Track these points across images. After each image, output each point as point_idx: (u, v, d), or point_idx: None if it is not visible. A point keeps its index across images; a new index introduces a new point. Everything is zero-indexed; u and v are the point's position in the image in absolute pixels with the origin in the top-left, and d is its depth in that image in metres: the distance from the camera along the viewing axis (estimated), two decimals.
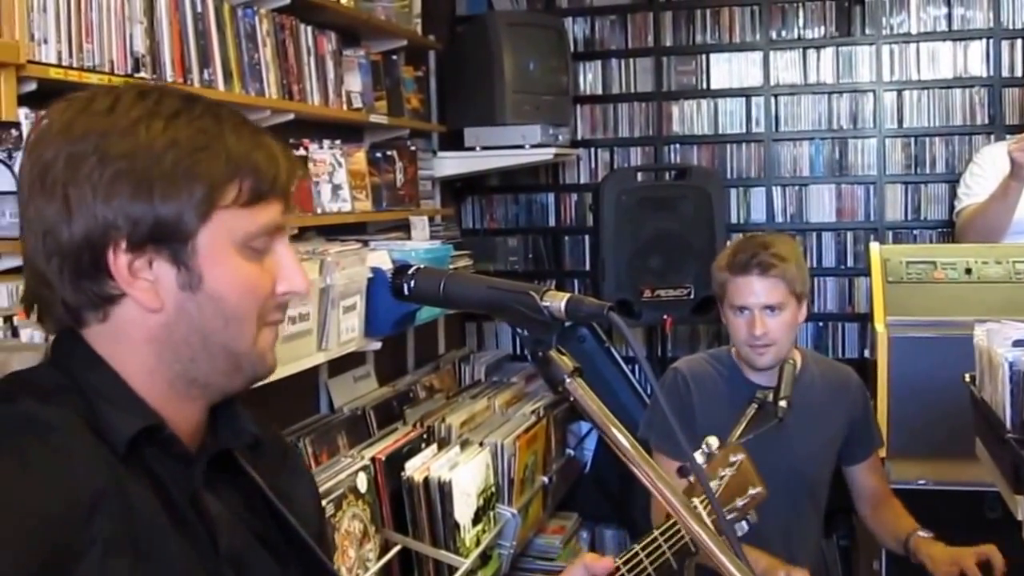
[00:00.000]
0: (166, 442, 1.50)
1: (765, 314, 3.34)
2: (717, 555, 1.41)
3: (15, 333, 2.39)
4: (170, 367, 1.51)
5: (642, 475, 1.46)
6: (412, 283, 1.52)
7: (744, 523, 2.32)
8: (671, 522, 2.01)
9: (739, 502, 2.30)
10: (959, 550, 3.18)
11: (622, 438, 1.46)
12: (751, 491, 2.37)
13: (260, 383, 1.62)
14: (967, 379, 2.78)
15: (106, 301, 1.48)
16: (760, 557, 3.07)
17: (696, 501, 2.23)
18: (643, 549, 1.97)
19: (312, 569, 1.66)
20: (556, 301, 1.42)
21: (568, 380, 1.45)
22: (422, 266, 1.53)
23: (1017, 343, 2.39)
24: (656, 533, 2.00)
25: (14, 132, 2.58)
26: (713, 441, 2.43)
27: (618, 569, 1.89)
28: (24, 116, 2.59)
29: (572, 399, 1.47)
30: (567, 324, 4.56)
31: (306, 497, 1.79)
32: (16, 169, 2.57)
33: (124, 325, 1.49)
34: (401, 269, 1.53)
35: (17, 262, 2.67)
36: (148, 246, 1.45)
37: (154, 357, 1.50)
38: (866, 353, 5.46)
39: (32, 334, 2.40)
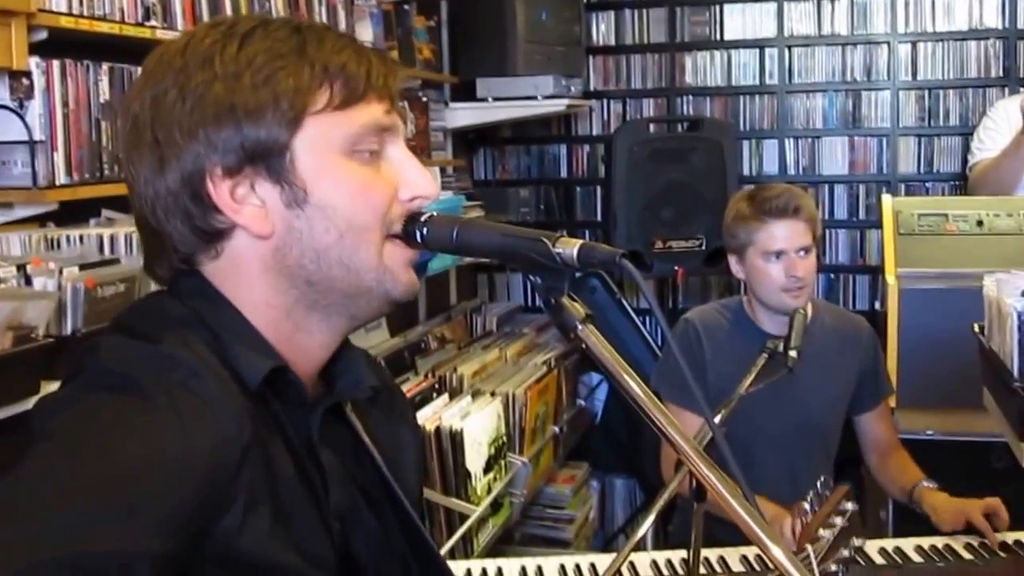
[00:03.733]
0: (290, 386, 1.45)
1: (799, 256, 3.37)
2: (730, 501, 1.41)
3: (28, 281, 2.40)
4: (287, 295, 1.45)
5: (654, 423, 1.46)
6: (425, 230, 1.50)
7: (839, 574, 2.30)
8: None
9: (844, 552, 2.29)
10: (965, 501, 3.19)
11: (635, 386, 1.45)
12: (856, 542, 2.36)
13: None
14: (976, 329, 2.79)
15: (217, 236, 1.42)
16: (767, 506, 3.10)
17: (809, 547, 2.24)
18: None
19: (407, 531, 1.60)
20: (568, 248, 1.41)
21: (580, 327, 1.45)
22: (435, 213, 1.52)
23: None
24: None
25: (25, 81, 2.59)
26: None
27: None
28: (35, 65, 2.59)
29: (584, 346, 1.47)
30: (578, 275, 4.58)
31: (409, 452, 1.72)
32: (27, 119, 2.58)
33: (238, 259, 1.44)
34: (414, 216, 1.52)
35: (30, 212, 2.69)
36: (245, 169, 1.39)
37: (271, 288, 1.44)
38: (876, 305, 5.46)
39: (45, 282, 2.42)
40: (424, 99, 4.88)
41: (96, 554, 1.13)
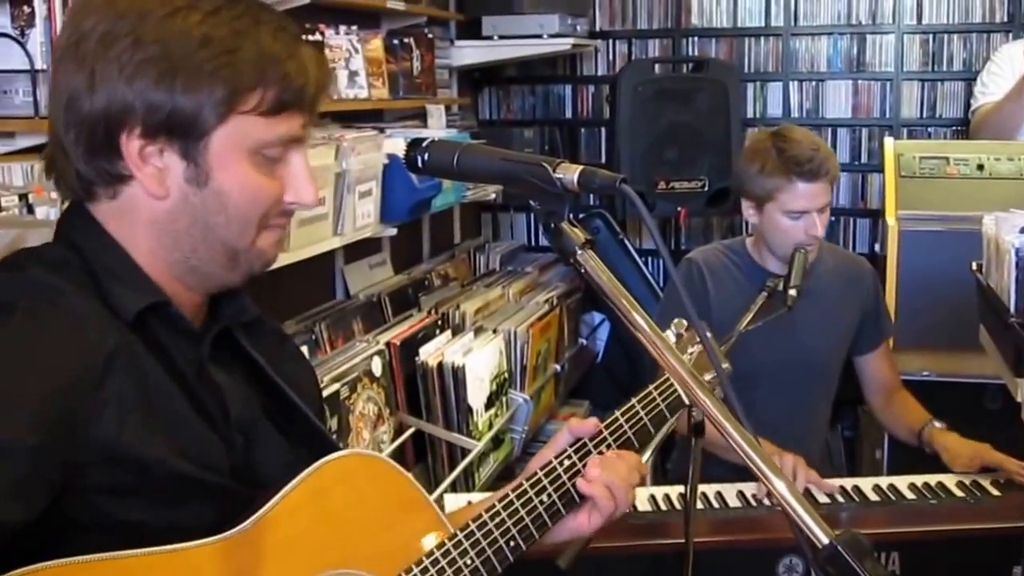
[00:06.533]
0: (172, 319, 1.54)
1: (819, 214, 3.35)
2: (724, 425, 1.43)
3: (31, 210, 2.41)
4: (171, 253, 1.54)
5: (651, 347, 1.48)
6: (426, 155, 1.52)
7: None
8: (647, 391, 2.04)
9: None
10: (978, 445, 3.22)
11: (632, 310, 1.48)
12: (706, 376, 2.41)
13: (274, 267, 1.65)
14: (974, 267, 2.81)
15: (116, 179, 1.50)
16: (762, 444, 3.13)
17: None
18: (623, 414, 2.00)
19: (313, 441, 1.69)
20: (569, 173, 1.43)
21: (579, 251, 1.47)
22: (436, 138, 1.54)
23: None
24: (634, 400, 2.04)
25: (27, 9, 2.57)
26: (682, 323, 2.44)
27: (600, 433, 1.93)
28: None
29: (583, 271, 1.49)
30: (581, 216, 4.57)
31: (307, 381, 1.83)
32: (29, 47, 2.57)
33: (132, 205, 1.52)
34: (415, 142, 1.54)
35: (31, 141, 2.69)
36: (161, 136, 1.47)
37: (156, 241, 1.53)
38: (877, 248, 5.48)
39: (48, 211, 2.43)
40: (430, 36, 4.86)
41: None
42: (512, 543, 1.76)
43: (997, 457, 3.17)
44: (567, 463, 1.87)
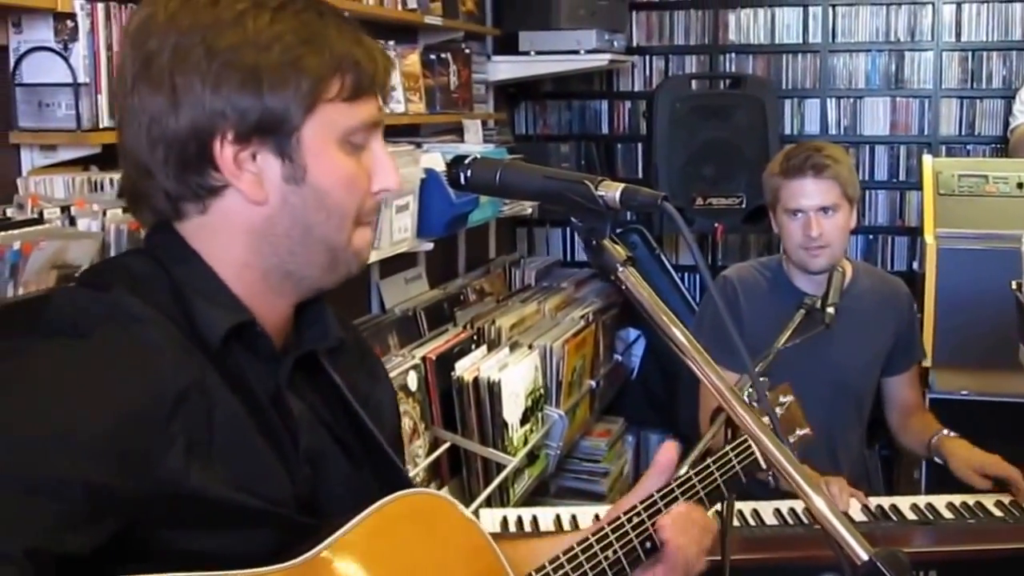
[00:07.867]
0: (256, 339, 1.52)
1: (820, 216, 3.35)
2: (765, 443, 1.43)
3: (72, 222, 2.43)
4: (267, 260, 1.52)
5: (692, 364, 1.49)
6: (468, 172, 1.53)
7: None
8: (733, 446, 2.02)
9: (789, 439, 2.34)
10: (983, 456, 3.22)
11: (674, 328, 1.48)
12: (799, 432, 2.40)
13: None
14: (1013, 286, 2.80)
15: (209, 192, 1.48)
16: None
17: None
18: (715, 461, 1.96)
19: (384, 471, 1.66)
20: (611, 191, 1.44)
21: (621, 268, 1.47)
22: (478, 156, 1.55)
23: None
24: (727, 448, 2.01)
25: (69, 23, 2.58)
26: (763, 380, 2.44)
27: (689, 479, 1.90)
28: (80, 7, 2.57)
29: (624, 288, 1.49)
30: (618, 231, 4.57)
31: (383, 400, 1.80)
32: (71, 61, 2.59)
33: (224, 217, 1.50)
34: (458, 159, 1.55)
35: (74, 154, 2.71)
36: (254, 138, 1.45)
37: (251, 250, 1.51)
38: (915, 266, 5.46)
39: (89, 224, 2.45)
40: (467, 51, 4.87)
41: (32, 476, 1.20)
42: None
43: (1007, 469, 3.15)
44: (635, 520, 1.82)
